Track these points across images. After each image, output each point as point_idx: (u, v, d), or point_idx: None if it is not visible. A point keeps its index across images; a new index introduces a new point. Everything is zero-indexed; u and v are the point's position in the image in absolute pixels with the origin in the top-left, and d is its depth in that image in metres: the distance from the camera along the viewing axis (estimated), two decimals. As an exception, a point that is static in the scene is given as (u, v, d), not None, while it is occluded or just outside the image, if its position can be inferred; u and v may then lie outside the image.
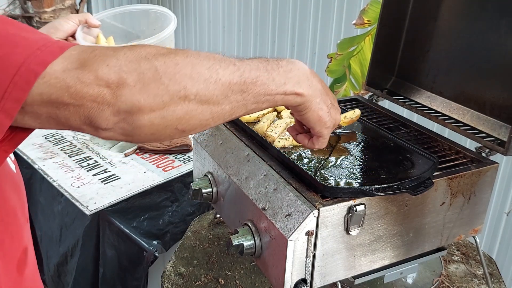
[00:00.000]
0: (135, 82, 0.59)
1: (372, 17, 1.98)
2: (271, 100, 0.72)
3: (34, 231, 1.84)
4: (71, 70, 0.57)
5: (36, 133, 2.06)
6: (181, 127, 0.64)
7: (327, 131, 0.83)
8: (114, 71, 0.58)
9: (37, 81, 0.56)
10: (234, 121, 1.19)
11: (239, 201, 1.01)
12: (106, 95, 0.58)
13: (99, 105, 0.58)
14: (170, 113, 0.62)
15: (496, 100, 1.15)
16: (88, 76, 0.57)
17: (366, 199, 0.90)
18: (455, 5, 1.25)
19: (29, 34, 0.60)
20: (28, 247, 0.82)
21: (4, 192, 0.74)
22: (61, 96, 0.57)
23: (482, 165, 1.06)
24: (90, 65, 0.58)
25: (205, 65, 0.64)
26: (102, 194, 1.65)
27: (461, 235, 1.09)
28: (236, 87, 0.66)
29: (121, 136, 0.62)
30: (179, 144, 1.92)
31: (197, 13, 3.82)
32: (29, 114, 0.59)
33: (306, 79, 0.75)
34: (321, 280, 0.92)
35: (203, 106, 0.64)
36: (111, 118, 0.59)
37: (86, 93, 0.57)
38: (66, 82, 0.57)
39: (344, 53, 2.08)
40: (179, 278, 1.22)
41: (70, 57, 0.58)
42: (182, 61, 0.62)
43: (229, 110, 0.67)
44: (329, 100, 0.80)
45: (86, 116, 0.59)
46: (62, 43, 0.60)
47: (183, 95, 0.62)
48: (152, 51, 0.62)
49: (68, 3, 3.85)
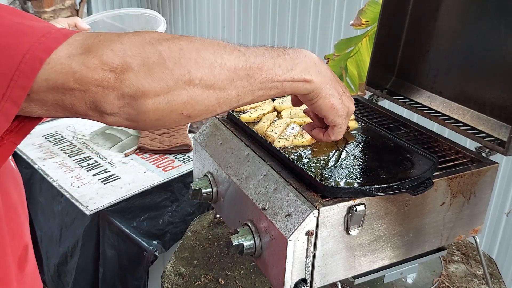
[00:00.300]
0: (139, 67, 0.59)
1: (370, 18, 1.97)
2: (279, 87, 0.71)
3: (34, 231, 1.84)
4: (76, 55, 0.58)
5: (36, 133, 2.06)
6: (186, 112, 0.64)
7: (341, 119, 0.82)
8: (118, 56, 0.58)
9: (43, 67, 0.57)
10: (234, 121, 1.19)
11: (239, 201, 1.01)
12: (111, 79, 0.58)
13: (104, 89, 0.58)
14: (175, 98, 0.61)
15: (496, 100, 1.15)
16: (93, 60, 0.58)
17: (366, 199, 0.90)
18: (455, 5, 1.25)
19: (33, 22, 0.60)
20: (29, 245, 0.83)
21: (6, 188, 0.75)
22: (66, 82, 0.58)
23: (482, 165, 1.06)
24: (94, 50, 0.58)
25: (210, 50, 0.64)
26: (102, 194, 1.65)
27: (461, 235, 1.09)
28: (241, 72, 0.66)
29: (127, 122, 0.62)
30: (179, 144, 1.92)
31: (197, 13, 3.82)
32: (35, 101, 0.59)
33: (314, 65, 0.75)
34: (321, 280, 0.92)
35: (208, 91, 0.64)
36: (116, 102, 0.59)
37: (91, 77, 0.58)
38: (71, 68, 0.57)
39: (341, 54, 2.08)
40: (179, 278, 1.22)
41: (74, 43, 0.59)
42: (186, 46, 0.62)
43: (235, 96, 0.67)
44: (340, 87, 0.80)
45: (92, 101, 0.59)
46: (66, 30, 0.61)
47: (187, 79, 0.61)
48: (156, 36, 0.62)
49: (68, 3, 3.85)
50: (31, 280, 0.84)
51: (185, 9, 3.90)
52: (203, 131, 1.21)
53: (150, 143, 1.92)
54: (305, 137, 1.08)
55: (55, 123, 2.16)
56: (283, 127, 1.12)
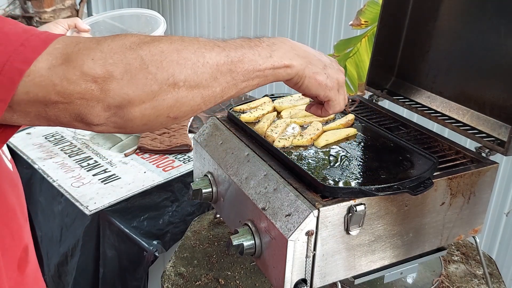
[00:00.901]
0: (122, 75, 0.57)
1: (369, 18, 1.97)
2: (261, 76, 0.71)
3: (34, 231, 1.84)
4: (56, 66, 0.56)
5: (36, 133, 2.06)
6: (173, 115, 0.63)
7: (333, 92, 0.82)
8: (99, 64, 0.57)
9: (22, 79, 0.55)
10: (234, 121, 1.19)
11: (239, 201, 1.01)
12: (94, 90, 0.56)
13: (88, 101, 0.57)
14: (160, 103, 0.61)
15: (496, 100, 1.15)
16: (74, 72, 0.56)
17: (366, 199, 0.90)
18: (455, 5, 1.25)
19: (10, 28, 0.58)
20: (29, 246, 0.82)
21: (3, 191, 0.74)
22: (48, 95, 0.56)
23: (482, 165, 1.06)
24: (74, 60, 0.56)
25: (190, 49, 0.63)
26: (102, 194, 1.65)
27: (461, 235, 1.09)
28: (224, 67, 0.66)
29: (114, 129, 0.62)
30: (179, 144, 1.92)
31: (197, 13, 3.82)
32: (18, 112, 0.58)
33: (290, 49, 0.75)
34: (321, 280, 0.92)
35: (193, 91, 0.63)
36: (102, 114, 0.58)
37: (73, 90, 0.56)
38: (51, 80, 0.56)
39: (340, 54, 2.08)
40: (179, 278, 1.22)
41: (54, 52, 0.57)
42: (167, 48, 0.61)
43: (220, 92, 0.67)
44: (322, 62, 0.80)
45: (76, 113, 0.58)
46: (45, 36, 0.58)
47: (172, 82, 0.61)
48: (135, 40, 0.60)
49: (68, 3, 3.85)
50: (33, 281, 0.83)
51: (185, 9, 3.90)
52: (203, 131, 1.21)
53: (150, 143, 1.92)
54: (305, 137, 1.08)
55: (55, 123, 2.16)
56: (283, 127, 1.12)
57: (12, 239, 0.76)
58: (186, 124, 2.05)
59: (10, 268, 0.75)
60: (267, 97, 1.29)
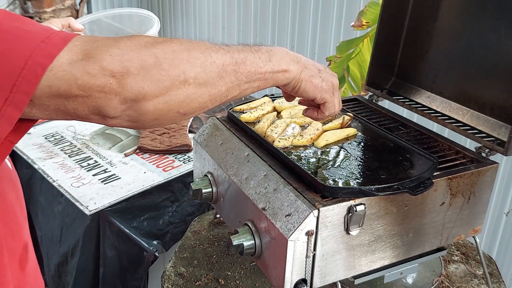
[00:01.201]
0: (138, 70, 0.61)
1: (370, 19, 1.98)
2: (262, 79, 0.76)
3: (34, 231, 1.84)
4: (77, 61, 0.59)
5: (36, 133, 2.06)
6: (182, 111, 0.67)
7: (328, 94, 0.86)
8: (117, 60, 0.60)
9: (45, 73, 0.58)
10: (234, 121, 1.19)
11: (239, 201, 1.01)
12: (113, 84, 0.60)
13: (106, 94, 0.60)
14: (172, 98, 0.64)
15: (496, 100, 1.15)
16: (93, 66, 0.59)
17: (366, 199, 0.90)
18: (455, 5, 1.25)
19: (31, 26, 0.61)
20: (28, 244, 0.83)
21: (2, 189, 0.75)
22: (69, 88, 0.59)
23: (482, 165, 1.06)
24: (94, 56, 0.60)
25: (199, 50, 0.68)
26: (102, 194, 1.65)
27: (461, 235, 1.09)
28: (229, 68, 0.70)
29: (127, 123, 0.65)
30: (179, 144, 1.92)
31: (197, 13, 3.82)
32: (37, 106, 0.60)
33: (286, 55, 0.80)
34: (321, 280, 0.92)
35: (201, 88, 0.67)
36: (119, 107, 0.62)
37: (93, 84, 0.59)
38: (73, 74, 0.59)
39: (343, 55, 2.08)
40: (179, 278, 1.22)
41: (74, 48, 0.60)
42: (178, 47, 0.66)
43: (225, 91, 0.71)
44: (315, 68, 0.84)
45: (95, 106, 0.61)
46: (64, 34, 0.62)
47: (183, 79, 0.65)
48: (149, 40, 0.65)
49: (68, 3, 3.85)
50: (33, 278, 0.84)
51: (185, 10, 3.90)
52: (203, 131, 1.21)
53: (150, 143, 1.92)
54: (305, 137, 1.08)
55: (55, 123, 2.16)
56: (283, 127, 1.12)
57: (12, 237, 0.77)
58: (186, 124, 2.05)
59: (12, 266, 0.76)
60: (267, 97, 1.29)
